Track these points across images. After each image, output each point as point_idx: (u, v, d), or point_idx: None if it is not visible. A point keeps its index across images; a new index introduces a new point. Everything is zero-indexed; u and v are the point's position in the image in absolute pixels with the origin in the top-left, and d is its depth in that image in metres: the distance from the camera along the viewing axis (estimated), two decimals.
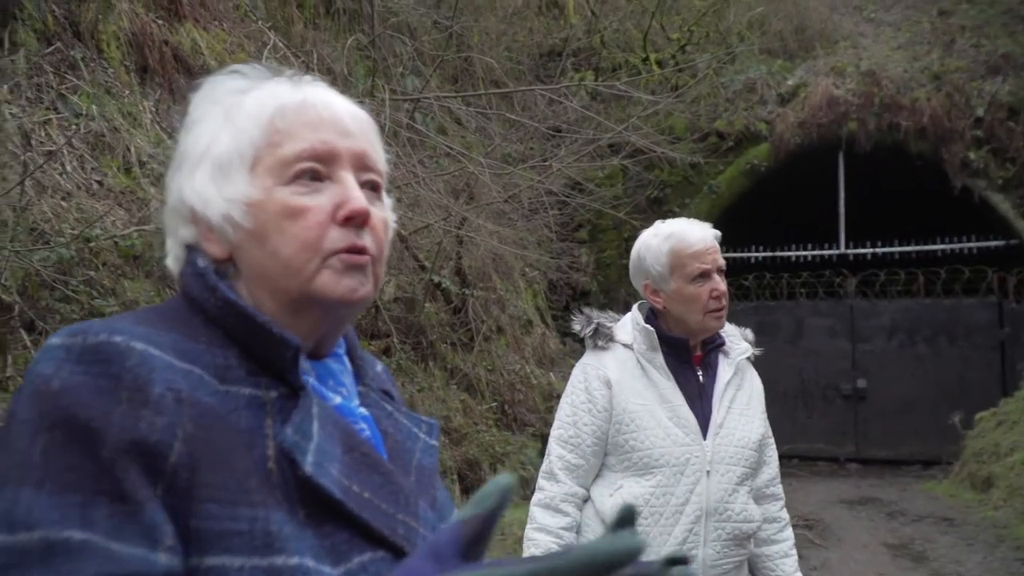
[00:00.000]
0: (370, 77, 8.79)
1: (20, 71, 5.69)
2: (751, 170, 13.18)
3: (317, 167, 1.05)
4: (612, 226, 12.76)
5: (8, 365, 4.41)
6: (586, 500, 2.55)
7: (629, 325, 2.59)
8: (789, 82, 13.71)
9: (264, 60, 7.06)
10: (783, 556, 2.65)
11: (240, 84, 1.11)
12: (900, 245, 13.07)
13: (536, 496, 2.56)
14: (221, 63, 7.38)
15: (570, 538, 2.50)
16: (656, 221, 2.63)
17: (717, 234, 2.56)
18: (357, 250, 1.04)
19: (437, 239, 9.18)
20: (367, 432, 1.08)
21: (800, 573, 2.68)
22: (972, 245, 12.72)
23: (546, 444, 2.64)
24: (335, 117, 1.08)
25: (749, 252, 13.45)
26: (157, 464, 0.86)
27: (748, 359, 2.67)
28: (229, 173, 1.06)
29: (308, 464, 0.93)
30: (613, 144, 11.30)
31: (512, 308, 10.63)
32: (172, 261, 1.12)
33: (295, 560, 0.88)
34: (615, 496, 2.47)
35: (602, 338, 2.58)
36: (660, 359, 2.52)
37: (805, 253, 13.41)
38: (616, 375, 2.51)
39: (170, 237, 1.12)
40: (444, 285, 9.31)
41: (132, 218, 5.76)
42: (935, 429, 11.95)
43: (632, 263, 2.62)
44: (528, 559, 0.69)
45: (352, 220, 1.04)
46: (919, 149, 12.66)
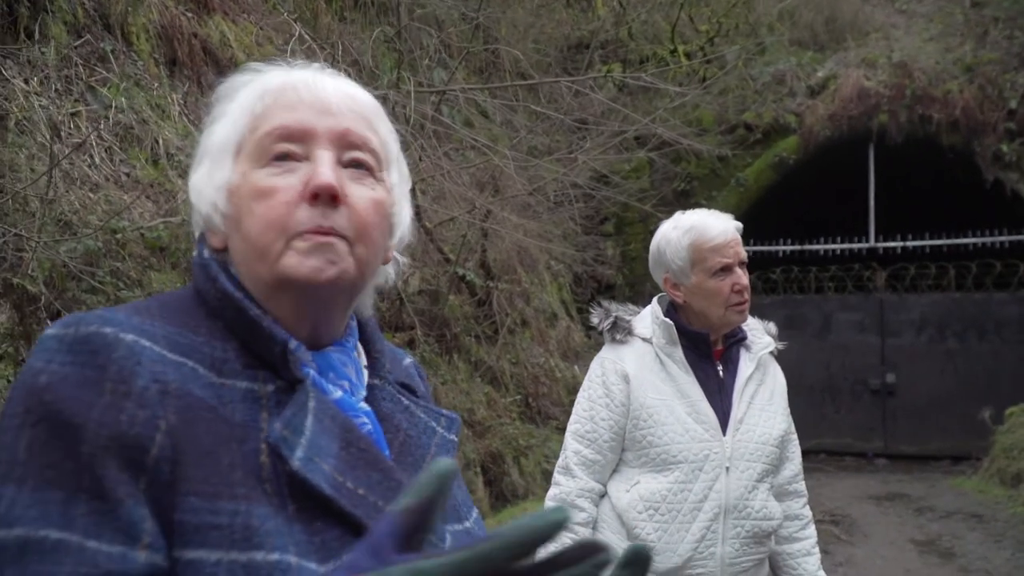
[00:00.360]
0: (396, 69, 8.79)
1: (50, 63, 5.74)
2: (779, 163, 13.07)
3: (291, 147, 1.04)
4: (638, 219, 12.69)
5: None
6: (603, 496, 2.52)
7: (648, 318, 2.56)
8: (819, 74, 13.57)
9: (290, 52, 7.09)
10: (805, 554, 2.61)
11: (246, 78, 1.11)
12: (930, 239, 12.93)
13: (551, 491, 2.54)
14: (249, 56, 7.43)
15: (586, 534, 2.47)
16: (676, 213, 2.60)
17: (739, 226, 2.52)
18: (323, 231, 1.01)
19: (462, 231, 9.18)
20: (368, 427, 1.06)
21: (823, 571, 2.64)
22: (1004, 239, 12.56)
23: None
24: (315, 97, 1.07)
25: (777, 245, 13.34)
26: (139, 457, 0.86)
27: (771, 353, 2.63)
28: (220, 162, 1.07)
29: (296, 459, 0.92)
30: (640, 136, 11.24)
31: (537, 301, 10.62)
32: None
33: (275, 556, 0.87)
34: (632, 492, 2.44)
35: (620, 331, 2.55)
36: (679, 353, 2.49)
37: (834, 247, 13.28)
38: (634, 369, 2.48)
39: (195, 230, 1.14)
40: (469, 278, 9.31)
41: (159, 210, 5.80)
42: (964, 424, 11.82)
43: (651, 256, 2.59)
44: (462, 548, 0.67)
45: (318, 197, 1.01)
46: (951, 142, 12.51)
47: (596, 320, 2.62)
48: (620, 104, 11.36)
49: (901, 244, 13.13)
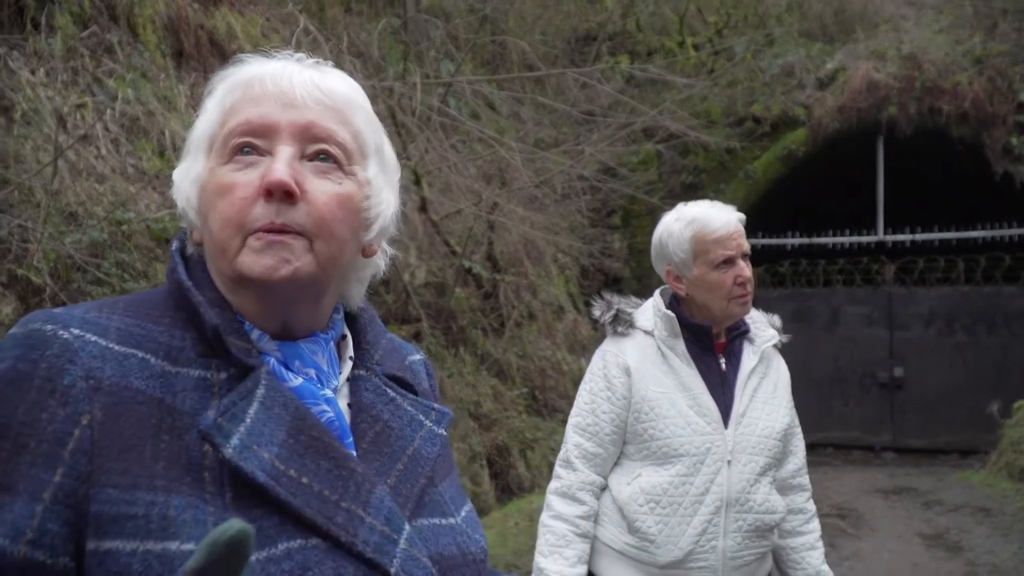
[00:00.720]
0: (403, 61, 8.78)
1: (56, 54, 5.74)
2: (788, 155, 13.01)
3: (253, 141, 1.04)
4: (646, 212, 12.64)
5: None
6: (604, 489, 2.52)
7: (650, 311, 2.55)
8: (828, 66, 13.50)
9: (296, 44, 7.08)
10: (809, 548, 2.60)
11: (226, 72, 1.12)
12: (939, 232, 12.86)
13: (553, 484, 2.54)
14: (255, 47, 7.40)
15: (587, 526, 2.47)
16: (679, 204, 2.59)
17: (741, 217, 2.50)
18: (276, 228, 1.01)
19: (468, 224, 9.16)
20: (329, 415, 1.06)
21: (827, 566, 2.63)
22: (1013, 232, 12.50)
23: None
24: (280, 89, 1.06)
25: (785, 239, 13.29)
26: (55, 451, 0.89)
27: (775, 347, 2.61)
28: (196, 158, 1.09)
29: (230, 447, 0.93)
30: (647, 128, 11.21)
31: (544, 294, 10.60)
32: None
33: (189, 546, 0.88)
34: (633, 485, 2.44)
35: (622, 324, 2.54)
36: (681, 346, 2.47)
37: (842, 240, 13.23)
38: (636, 362, 2.47)
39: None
40: (475, 270, 9.30)
41: (165, 201, 5.80)
42: (973, 418, 11.78)
43: (654, 248, 2.58)
44: None
45: (271, 194, 1.01)
46: (960, 134, 12.44)
47: (598, 313, 2.61)
48: (628, 96, 11.33)
49: (910, 237, 13.07)
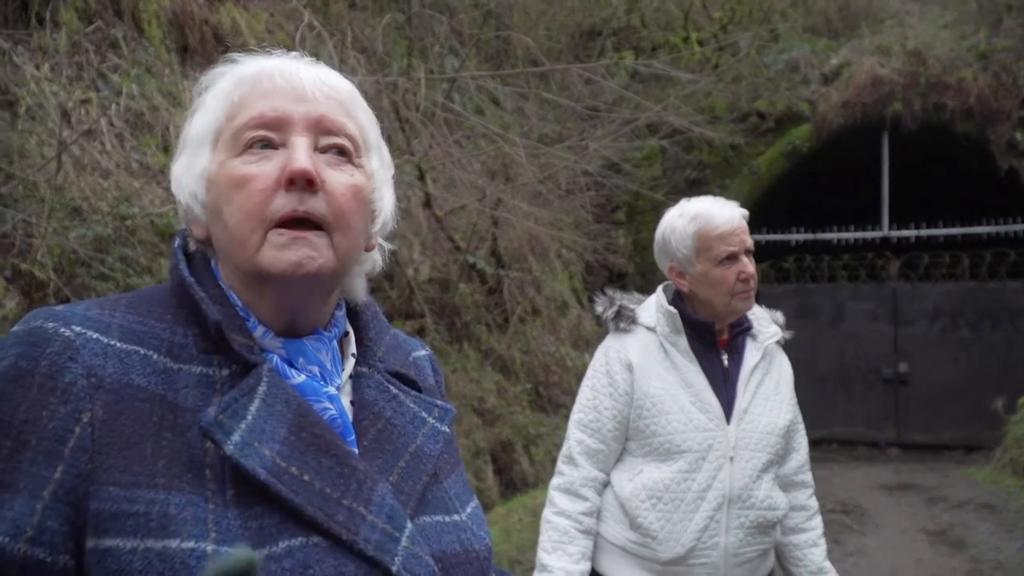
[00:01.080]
0: (407, 56, 8.77)
1: (61, 49, 5.74)
2: (792, 151, 12.99)
3: (268, 134, 1.04)
4: (650, 207, 12.64)
5: None
6: (606, 485, 2.52)
7: (653, 307, 2.54)
8: (833, 61, 13.47)
9: (300, 39, 7.08)
10: (811, 545, 2.60)
11: (223, 68, 1.12)
12: (944, 227, 12.85)
13: (555, 480, 2.53)
14: (260, 43, 7.41)
15: (590, 523, 2.47)
16: (682, 200, 2.58)
17: (745, 213, 2.49)
18: (298, 217, 1.01)
19: (472, 219, 9.16)
20: (331, 412, 1.06)
21: (829, 562, 2.63)
22: (1018, 228, 12.48)
23: None
24: (291, 84, 1.07)
25: (790, 234, 13.28)
26: (56, 448, 0.90)
27: (778, 343, 2.60)
28: (197, 153, 1.08)
29: (231, 444, 0.93)
30: (651, 124, 11.19)
31: (548, 289, 10.60)
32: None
33: (190, 544, 0.88)
34: (635, 481, 2.44)
35: (624, 320, 2.54)
36: (684, 342, 2.47)
37: (847, 235, 13.21)
38: (638, 358, 2.47)
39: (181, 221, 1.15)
40: (479, 266, 9.30)
41: (170, 196, 5.79)
42: (977, 414, 11.76)
43: (657, 244, 2.57)
44: None
45: (294, 183, 1.01)
46: (965, 130, 12.41)
47: (600, 309, 2.60)
48: (632, 92, 11.31)
49: (915, 233, 13.05)
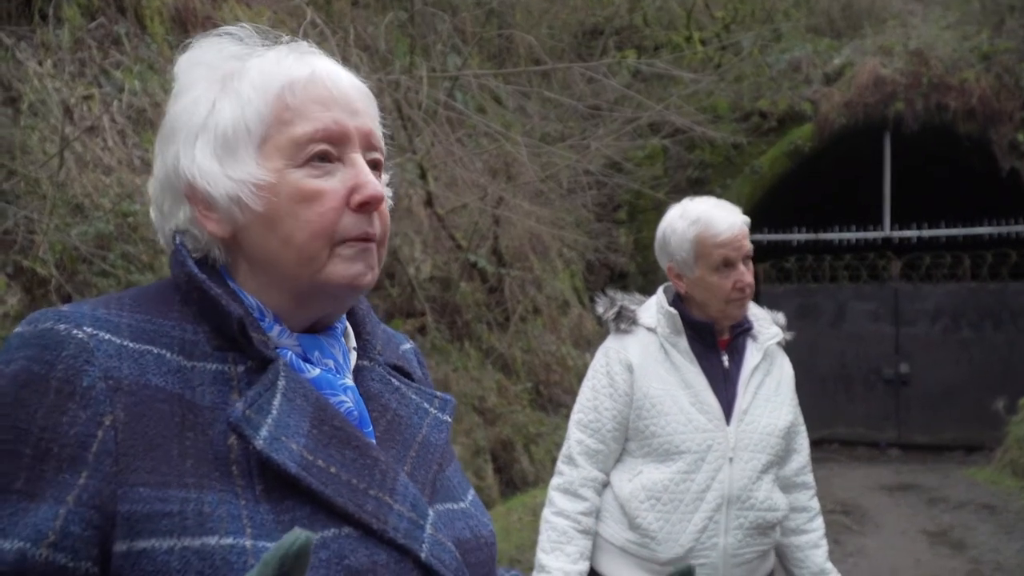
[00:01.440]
0: (409, 54, 8.77)
1: (64, 45, 5.74)
2: (794, 151, 12.99)
3: (329, 149, 1.03)
4: (652, 207, 12.61)
5: None
6: (606, 485, 2.52)
7: (653, 308, 2.54)
8: (835, 61, 13.46)
9: (302, 36, 7.07)
10: (813, 546, 2.59)
11: (235, 49, 1.08)
12: (946, 228, 12.84)
13: (555, 480, 2.54)
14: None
15: (589, 523, 2.47)
16: (684, 199, 2.57)
17: (746, 219, 2.48)
18: (367, 238, 1.03)
19: (474, 218, 9.16)
20: (348, 405, 1.06)
21: (830, 564, 2.62)
22: (1020, 228, 12.47)
23: None
24: (344, 94, 1.06)
25: (791, 234, 13.27)
26: (79, 454, 0.88)
27: (778, 344, 2.60)
28: (235, 150, 1.03)
29: (260, 439, 0.92)
30: (653, 123, 11.19)
31: (549, 288, 10.60)
32: (162, 236, 1.11)
33: (228, 540, 0.88)
34: (634, 481, 2.44)
35: (625, 321, 2.53)
36: (684, 343, 2.47)
37: (849, 235, 13.20)
38: (638, 359, 2.47)
39: (155, 210, 1.10)
40: (480, 264, 9.30)
41: None
42: (978, 415, 11.75)
43: (657, 243, 2.57)
44: None
45: (368, 207, 1.03)
46: (967, 130, 12.41)
47: (601, 310, 2.60)
48: (634, 91, 11.29)
49: (916, 233, 13.04)
